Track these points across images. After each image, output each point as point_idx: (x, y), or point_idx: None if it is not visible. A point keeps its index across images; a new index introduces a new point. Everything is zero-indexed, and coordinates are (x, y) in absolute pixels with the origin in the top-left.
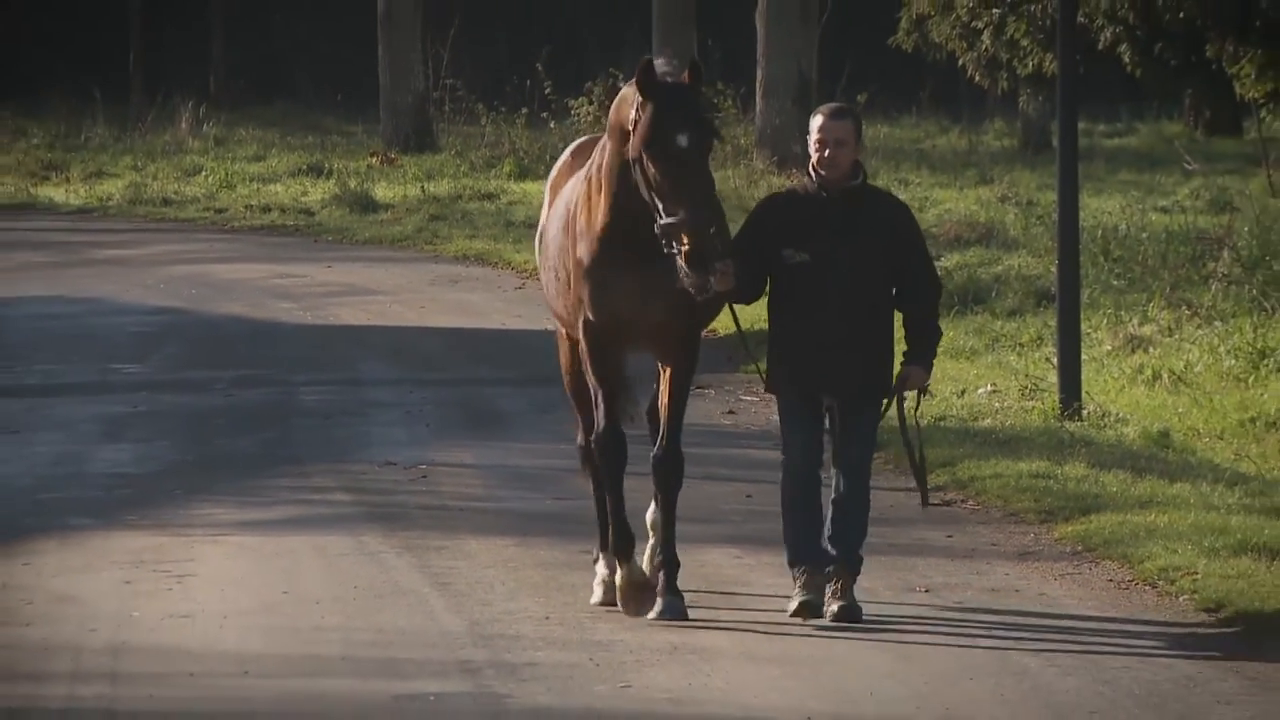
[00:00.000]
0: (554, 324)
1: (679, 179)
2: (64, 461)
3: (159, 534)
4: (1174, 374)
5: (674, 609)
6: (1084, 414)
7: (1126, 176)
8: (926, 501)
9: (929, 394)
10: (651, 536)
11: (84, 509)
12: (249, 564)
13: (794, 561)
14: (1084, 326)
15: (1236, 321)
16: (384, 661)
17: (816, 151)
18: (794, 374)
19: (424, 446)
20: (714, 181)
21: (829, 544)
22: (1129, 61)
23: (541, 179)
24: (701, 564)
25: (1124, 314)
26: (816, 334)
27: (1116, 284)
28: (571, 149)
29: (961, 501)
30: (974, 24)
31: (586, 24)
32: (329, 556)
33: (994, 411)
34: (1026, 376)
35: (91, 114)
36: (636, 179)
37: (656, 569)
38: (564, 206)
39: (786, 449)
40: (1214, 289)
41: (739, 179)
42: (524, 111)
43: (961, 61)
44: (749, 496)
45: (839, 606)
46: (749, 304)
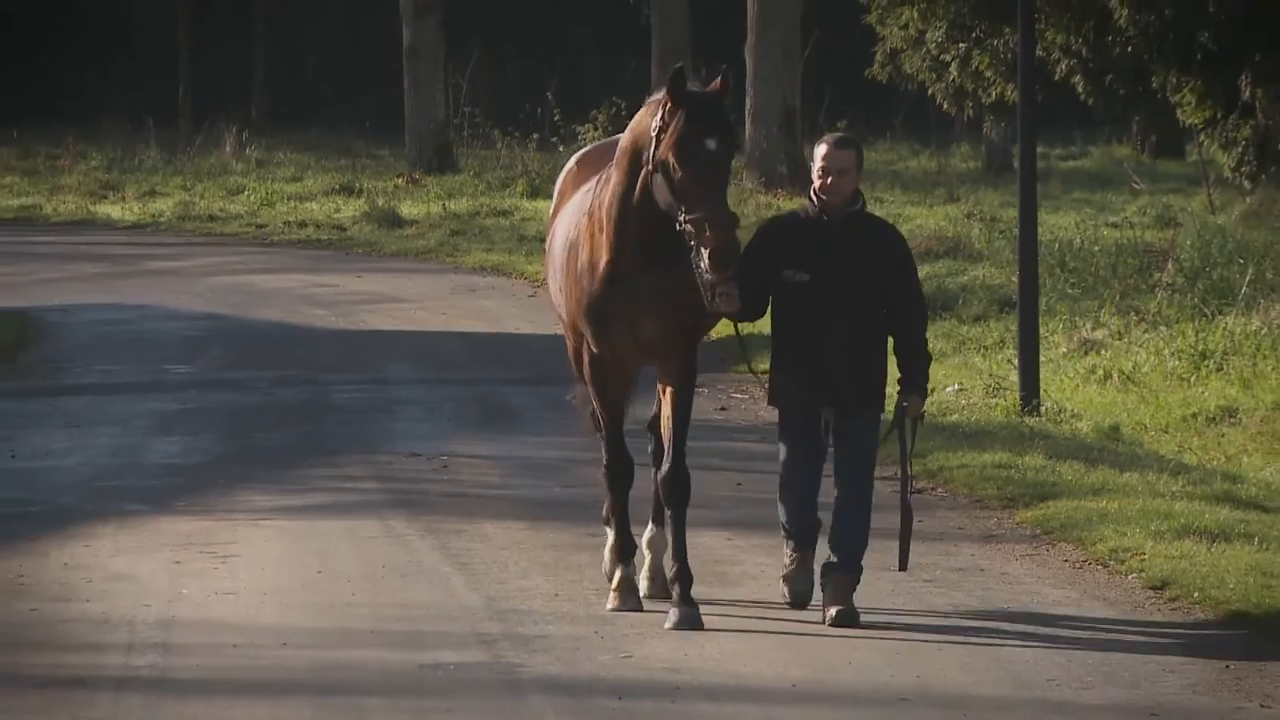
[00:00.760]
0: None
1: (705, 180)
2: (120, 453)
3: (205, 518)
4: (1123, 374)
5: (690, 619)
6: (1042, 410)
7: (1080, 195)
8: (904, 566)
9: (923, 418)
10: (648, 555)
11: (138, 496)
12: (287, 545)
13: (789, 528)
14: (1042, 331)
15: (1180, 326)
16: (409, 634)
17: (820, 179)
18: (795, 387)
19: (445, 439)
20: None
21: (831, 551)
22: (1082, 91)
23: (551, 198)
24: (695, 546)
25: (1078, 320)
26: (817, 349)
27: (1071, 293)
28: (577, 158)
29: (931, 489)
30: (942, 57)
31: (591, 58)
32: (359, 539)
33: (961, 408)
34: (990, 376)
35: (145, 139)
36: (656, 186)
37: (673, 581)
38: (564, 237)
39: (787, 456)
40: (1159, 297)
41: (729, 198)
42: (535, 136)
43: (931, 91)
44: (739, 484)
45: (836, 611)
46: (752, 322)
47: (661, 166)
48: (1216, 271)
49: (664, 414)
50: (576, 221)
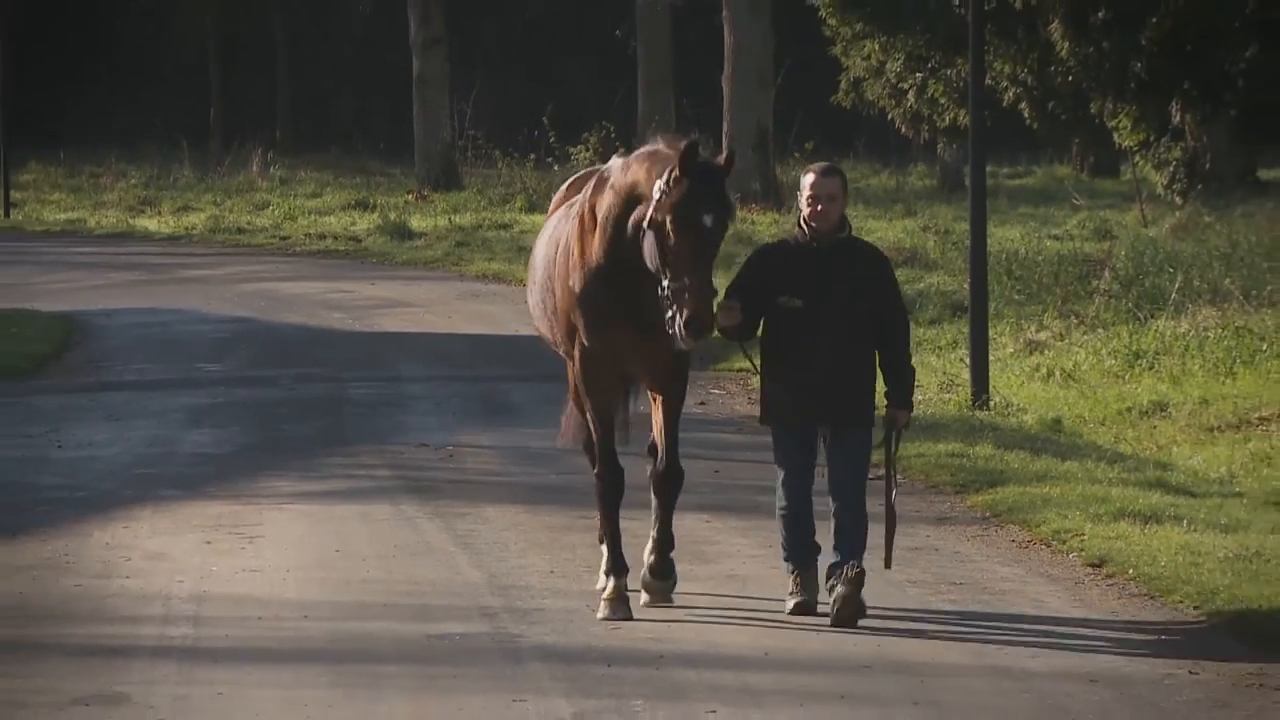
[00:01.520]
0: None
1: (695, 253)
2: (156, 443)
3: (234, 503)
4: (1065, 372)
5: (662, 593)
6: (991, 405)
7: (1025, 210)
8: (890, 564)
9: (908, 427)
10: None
11: (173, 482)
12: (308, 527)
13: (789, 559)
14: (991, 333)
15: (1116, 329)
16: (419, 607)
17: (809, 206)
18: (789, 406)
19: (451, 431)
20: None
21: (835, 553)
22: (1028, 116)
23: (546, 212)
24: (676, 528)
25: (1024, 323)
26: (808, 369)
27: (1018, 298)
28: (568, 184)
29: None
30: (901, 85)
31: (584, 85)
32: (373, 521)
33: (918, 403)
34: (944, 374)
35: (179, 159)
36: (644, 241)
37: (653, 570)
38: (553, 240)
39: (784, 474)
40: (1097, 303)
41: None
42: (532, 156)
43: (891, 116)
44: (716, 471)
45: (841, 609)
46: (744, 341)
47: (657, 227)
48: (1149, 279)
49: (655, 421)
50: (564, 230)
